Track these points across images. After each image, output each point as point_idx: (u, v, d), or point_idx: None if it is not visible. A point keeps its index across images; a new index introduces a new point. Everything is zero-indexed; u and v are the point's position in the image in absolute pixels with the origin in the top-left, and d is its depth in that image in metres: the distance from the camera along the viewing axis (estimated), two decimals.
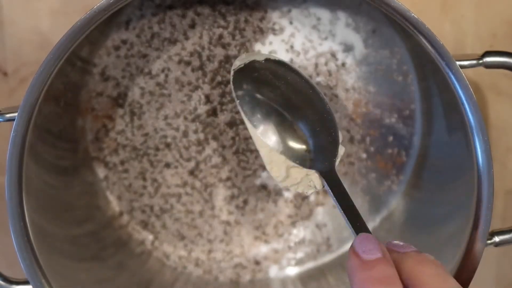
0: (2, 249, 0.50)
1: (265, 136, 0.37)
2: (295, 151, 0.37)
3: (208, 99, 0.47)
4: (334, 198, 0.35)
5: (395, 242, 0.33)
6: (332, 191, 0.35)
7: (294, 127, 0.38)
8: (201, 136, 0.47)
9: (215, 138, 0.48)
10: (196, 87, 0.47)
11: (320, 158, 0.37)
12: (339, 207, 0.34)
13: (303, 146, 0.38)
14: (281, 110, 0.38)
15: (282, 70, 0.39)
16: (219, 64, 0.46)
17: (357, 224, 0.33)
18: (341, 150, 0.38)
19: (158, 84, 0.47)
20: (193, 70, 0.46)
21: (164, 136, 0.48)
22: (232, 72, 0.38)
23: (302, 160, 0.37)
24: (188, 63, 0.46)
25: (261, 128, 0.37)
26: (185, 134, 0.47)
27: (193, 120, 0.47)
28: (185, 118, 0.47)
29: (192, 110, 0.47)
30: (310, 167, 0.37)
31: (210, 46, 0.46)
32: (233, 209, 0.49)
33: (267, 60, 0.39)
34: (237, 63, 0.39)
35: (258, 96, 0.38)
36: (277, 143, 0.37)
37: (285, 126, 0.38)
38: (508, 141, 0.48)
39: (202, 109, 0.47)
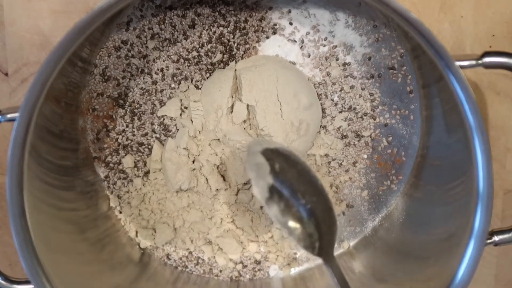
0: (3, 249, 0.50)
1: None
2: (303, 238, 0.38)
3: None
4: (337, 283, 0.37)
5: None
6: (335, 277, 0.38)
7: (302, 216, 0.39)
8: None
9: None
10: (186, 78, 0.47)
11: (324, 245, 0.39)
12: None
13: (312, 234, 0.39)
14: (289, 196, 0.38)
15: (290, 162, 0.40)
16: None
17: None
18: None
19: (155, 82, 0.47)
20: (189, 66, 0.47)
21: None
22: (246, 156, 0.37)
23: (309, 246, 0.39)
24: (186, 59, 0.46)
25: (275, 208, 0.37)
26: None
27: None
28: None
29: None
30: (317, 254, 0.39)
31: (209, 44, 0.46)
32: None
33: (277, 150, 0.40)
34: (257, 148, 0.39)
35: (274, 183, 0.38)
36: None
37: (293, 213, 0.38)
38: (507, 141, 0.48)
39: None
